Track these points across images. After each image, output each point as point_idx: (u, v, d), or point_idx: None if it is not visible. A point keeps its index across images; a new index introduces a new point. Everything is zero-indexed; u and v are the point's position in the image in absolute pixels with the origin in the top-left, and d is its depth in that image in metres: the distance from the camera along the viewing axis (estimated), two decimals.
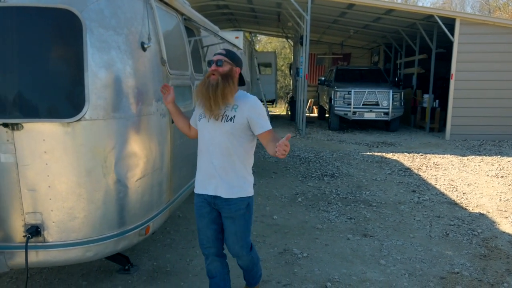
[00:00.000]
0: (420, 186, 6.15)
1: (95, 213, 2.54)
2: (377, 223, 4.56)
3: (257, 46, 34.08)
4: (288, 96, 19.49)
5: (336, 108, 11.75)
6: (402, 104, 11.84)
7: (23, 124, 2.37)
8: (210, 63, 2.46)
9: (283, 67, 28.46)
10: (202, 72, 4.45)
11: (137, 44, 2.76)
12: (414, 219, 4.74)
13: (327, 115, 14.14)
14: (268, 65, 16.88)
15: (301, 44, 11.93)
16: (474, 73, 10.52)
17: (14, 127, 2.36)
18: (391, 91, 11.46)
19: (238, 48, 5.06)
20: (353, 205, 5.17)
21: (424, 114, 12.61)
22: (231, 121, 2.40)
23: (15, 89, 2.41)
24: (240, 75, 2.56)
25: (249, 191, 2.50)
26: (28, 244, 2.43)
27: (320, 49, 19.02)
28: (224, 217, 2.50)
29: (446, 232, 4.33)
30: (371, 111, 11.54)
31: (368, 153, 8.71)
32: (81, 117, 2.40)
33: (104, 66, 2.51)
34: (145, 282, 3.20)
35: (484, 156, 8.51)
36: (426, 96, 12.41)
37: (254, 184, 2.59)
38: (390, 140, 10.55)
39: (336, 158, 8.13)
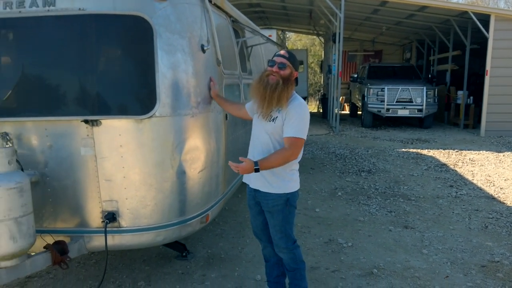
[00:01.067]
0: (457, 181, 6.18)
1: (164, 202, 2.79)
2: (417, 216, 4.67)
3: (287, 44, 34.18)
4: (320, 93, 19.54)
5: (369, 105, 11.78)
6: (436, 100, 11.74)
7: (101, 121, 2.64)
8: (272, 63, 2.52)
9: (312, 64, 28.44)
10: (247, 71, 4.67)
11: (197, 46, 2.99)
12: (453, 212, 4.81)
13: (359, 112, 14.15)
14: (300, 62, 17.01)
15: (334, 42, 12.01)
16: (510, 69, 10.34)
17: (93, 123, 2.64)
18: (424, 88, 11.39)
19: (282, 47, 5.24)
20: (392, 199, 5.28)
21: (458, 111, 12.45)
22: (273, 121, 2.49)
23: (94, 88, 2.69)
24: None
25: (288, 187, 2.55)
26: (107, 228, 2.71)
27: (351, 46, 18.98)
28: (264, 210, 2.63)
29: (485, 225, 4.40)
30: (404, 108, 11.51)
31: (403, 149, 8.73)
32: (153, 114, 2.65)
33: (171, 67, 2.75)
34: (202, 267, 3.45)
35: None
36: (460, 92, 12.25)
37: None
38: (424, 136, 10.50)
39: (372, 155, 8.20)
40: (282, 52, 2.61)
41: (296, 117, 2.45)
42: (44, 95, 2.72)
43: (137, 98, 2.72)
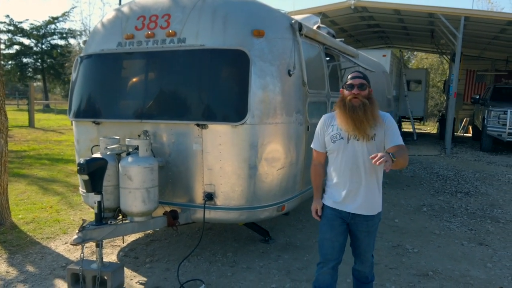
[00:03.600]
0: None
1: (248, 189, 3.64)
2: (498, 236, 4.72)
3: (413, 62, 33.04)
4: (440, 114, 18.73)
5: (489, 128, 11.19)
6: None
7: (208, 125, 3.60)
8: (350, 87, 2.50)
9: (439, 84, 27.08)
10: (338, 90, 5.30)
11: (285, 71, 3.80)
12: None
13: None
14: (419, 82, 16.67)
15: (454, 61, 11.73)
16: None
17: (203, 126, 3.61)
18: None
19: (371, 71, 5.70)
20: (479, 220, 5.33)
21: None
22: (373, 139, 2.48)
23: (205, 101, 3.68)
24: None
25: (381, 205, 2.64)
26: (206, 205, 3.66)
27: (480, 65, 17.87)
28: (360, 231, 2.59)
29: None
30: None
31: None
32: (244, 122, 3.52)
33: (261, 88, 3.61)
34: (279, 250, 4.20)
35: None
36: None
37: (384, 194, 2.76)
38: None
39: (478, 178, 7.99)
40: (355, 73, 2.59)
41: (394, 126, 2.53)
42: (173, 105, 3.79)
43: (234, 110, 3.63)
